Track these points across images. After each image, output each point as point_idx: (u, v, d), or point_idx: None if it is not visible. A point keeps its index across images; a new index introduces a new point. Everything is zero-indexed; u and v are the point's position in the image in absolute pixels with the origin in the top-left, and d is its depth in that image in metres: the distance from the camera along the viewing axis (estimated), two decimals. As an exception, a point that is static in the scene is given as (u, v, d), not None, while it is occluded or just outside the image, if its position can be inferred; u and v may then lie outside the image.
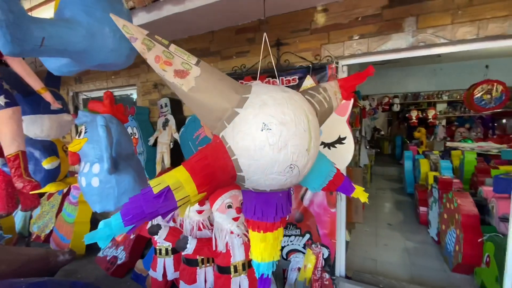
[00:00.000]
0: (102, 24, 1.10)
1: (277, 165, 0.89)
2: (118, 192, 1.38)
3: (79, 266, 3.06)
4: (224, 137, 0.89)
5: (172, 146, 2.76)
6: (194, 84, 0.87)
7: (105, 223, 0.79)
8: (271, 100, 0.90)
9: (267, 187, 0.98)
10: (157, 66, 0.87)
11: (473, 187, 3.89)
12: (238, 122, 0.87)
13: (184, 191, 0.82)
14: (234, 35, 2.51)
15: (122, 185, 1.38)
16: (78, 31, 1.01)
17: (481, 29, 1.68)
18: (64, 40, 0.97)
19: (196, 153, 0.92)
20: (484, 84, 4.07)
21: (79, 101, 4.03)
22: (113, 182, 1.37)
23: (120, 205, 1.42)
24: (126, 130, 1.58)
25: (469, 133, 6.99)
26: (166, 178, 0.84)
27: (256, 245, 1.11)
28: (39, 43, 0.88)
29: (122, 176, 1.37)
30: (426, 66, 5.45)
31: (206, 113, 0.94)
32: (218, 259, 1.91)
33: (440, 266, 2.89)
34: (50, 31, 0.91)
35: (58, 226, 3.48)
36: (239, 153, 0.87)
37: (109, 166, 1.22)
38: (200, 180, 0.85)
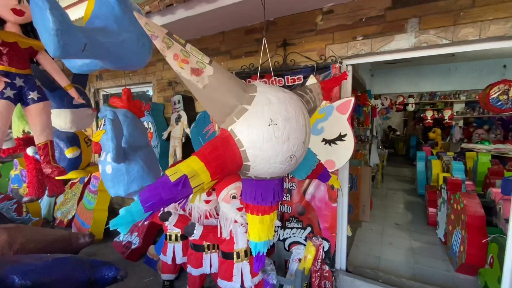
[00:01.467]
0: (130, 33, 1.28)
1: (280, 155, 1.03)
2: (128, 179, 1.53)
3: (98, 249, 3.31)
4: (233, 131, 1.00)
5: (184, 141, 2.92)
6: (207, 82, 0.95)
7: (126, 210, 0.85)
8: (275, 99, 1.04)
9: (268, 175, 1.11)
10: (175, 63, 0.91)
11: (486, 189, 3.81)
12: (247, 118, 0.99)
13: (199, 178, 0.92)
14: (243, 35, 2.63)
15: (131, 173, 1.53)
16: (112, 39, 1.17)
17: (483, 30, 1.71)
18: (102, 46, 1.14)
19: (206, 145, 1.00)
20: (501, 84, 3.94)
21: (100, 96, 4.30)
22: (123, 170, 1.52)
23: (130, 192, 1.58)
24: (141, 124, 1.74)
25: (487, 135, 6.75)
26: (181, 167, 0.92)
27: (254, 227, 1.24)
28: (82, 48, 1.04)
29: (132, 166, 1.52)
30: (439, 65, 5.32)
31: (216, 109, 1.03)
32: (222, 245, 2.05)
33: (444, 266, 2.90)
34: (91, 38, 1.07)
35: (79, 212, 3.76)
36: (247, 145, 0.99)
37: (113, 155, 1.35)
38: (213, 169, 0.95)
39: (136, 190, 1.60)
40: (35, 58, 1.68)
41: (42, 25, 0.98)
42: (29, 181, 1.99)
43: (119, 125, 1.43)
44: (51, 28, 0.94)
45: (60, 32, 0.95)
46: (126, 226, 0.84)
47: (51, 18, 0.93)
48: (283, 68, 2.38)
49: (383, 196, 5.45)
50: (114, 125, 1.34)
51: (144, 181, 1.59)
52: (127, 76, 3.68)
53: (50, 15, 0.93)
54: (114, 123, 1.35)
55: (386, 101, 6.06)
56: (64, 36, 0.97)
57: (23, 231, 2.32)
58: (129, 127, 1.61)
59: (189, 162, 0.94)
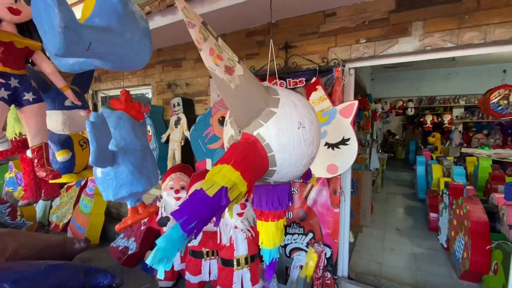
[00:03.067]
0: (132, 33, 1.23)
1: (305, 158, 1.01)
2: (116, 184, 1.48)
3: (93, 254, 3.24)
4: (260, 135, 0.94)
5: (183, 144, 2.87)
6: (238, 82, 0.88)
7: (165, 239, 0.70)
8: (298, 101, 1.02)
9: (287, 178, 1.07)
10: (210, 59, 0.82)
11: (487, 194, 3.79)
12: (277, 121, 0.94)
13: (238, 189, 0.83)
14: (245, 38, 2.60)
15: (120, 177, 1.47)
16: (115, 38, 1.13)
17: (488, 34, 1.68)
18: (105, 45, 1.09)
19: (234, 151, 0.90)
20: (501, 89, 3.94)
21: (98, 98, 4.25)
22: (111, 174, 1.47)
23: (119, 197, 1.52)
24: (138, 127, 1.67)
25: (487, 140, 6.75)
26: (217, 179, 0.81)
27: (270, 233, 1.18)
28: (86, 47, 0.99)
29: (120, 170, 1.46)
30: (440, 70, 5.33)
31: (243, 111, 0.96)
32: (222, 252, 1.99)
33: (447, 273, 2.85)
34: (96, 37, 1.03)
35: (75, 216, 3.68)
36: (277, 149, 0.94)
37: (92, 158, 1.30)
38: (248, 177, 0.87)
39: (125, 196, 1.54)
40: (31, 59, 1.63)
41: (47, 22, 0.93)
42: (26, 184, 1.93)
43: (104, 128, 1.37)
44: (58, 25, 0.89)
45: (67, 29, 0.90)
46: (169, 260, 0.70)
47: (59, 14, 0.88)
48: (284, 70, 2.35)
49: (383, 201, 5.41)
50: (94, 128, 1.28)
51: (133, 186, 1.53)
52: (125, 78, 3.64)
53: (58, 11, 0.88)
54: (94, 126, 1.29)
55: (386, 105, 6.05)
56: (71, 34, 0.92)
57: (16, 236, 2.26)
58: (121, 130, 1.55)
59: (223, 172, 0.83)
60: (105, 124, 1.41)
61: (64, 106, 1.88)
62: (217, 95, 2.75)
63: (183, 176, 2.42)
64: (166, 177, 2.42)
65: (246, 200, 1.99)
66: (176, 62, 3.15)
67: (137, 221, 1.64)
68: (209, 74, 2.87)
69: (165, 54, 3.22)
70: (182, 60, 3.09)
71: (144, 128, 1.74)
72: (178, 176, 2.41)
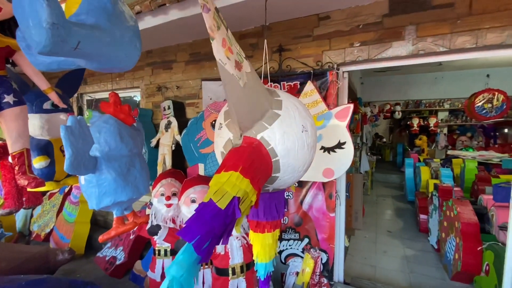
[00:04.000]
0: (122, 32, 1.16)
1: (307, 163, 0.96)
2: (99, 192, 1.40)
3: (78, 265, 3.07)
4: (264, 139, 0.87)
5: (174, 148, 2.78)
6: (246, 79, 0.81)
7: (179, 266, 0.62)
8: (299, 104, 0.97)
9: (286, 185, 1.01)
10: (222, 51, 0.74)
11: (474, 196, 3.89)
12: (281, 124, 0.88)
13: (248, 199, 0.75)
14: (238, 40, 2.55)
15: (102, 185, 1.39)
16: (105, 37, 1.05)
17: (479, 38, 1.71)
18: (94, 44, 1.01)
19: (240, 157, 0.82)
20: (485, 93, 4.08)
21: (83, 102, 4.09)
22: (94, 181, 1.39)
23: (102, 206, 1.42)
24: (126, 131, 1.56)
25: (470, 142, 6.97)
26: (227, 188, 0.73)
27: (266, 246, 1.11)
28: (75, 46, 0.91)
29: (103, 177, 1.38)
30: (427, 74, 5.49)
31: (249, 112, 0.88)
32: (216, 260, 1.92)
33: (439, 275, 2.88)
34: (85, 35, 0.95)
35: (58, 225, 3.49)
36: (282, 153, 0.87)
37: (66, 165, 1.21)
38: (257, 185, 0.79)
39: (109, 205, 1.45)
40: (11, 59, 1.53)
41: (32, 16, 0.84)
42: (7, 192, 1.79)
43: (83, 133, 1.28)
44: (45, 20, 0.81)
45: (55, 26, 0.82)
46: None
47: (47, 9, 0.80)
48: (278, 74, 2.32)
49: (374, 203, 5.47)
50: (69, 133, 1.19)
51: (117, 195, 1.44)
52: (113, 81, 3.52)
53: (47, 6, 0.80)
54: (69, 131, 1.20)
55: (375, 108, 6.15)
56: (59, 31, 0.84)
57: (-7, 249, 2.10)
58: (106, 134, 1.47)
59: (232, 180, 0.74)
60: (85, 128, 1.32)
61: (43, 109, 1.76)
62: (209, 98, 2.69)
63: (174, 182, 2.34)
64: (156, 183, 2.32)
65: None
66: (166, 64, 3.06)
67: (121, 233, 1.55)
68: (200, 76, 2.82)
69: (155, 56, 3.13)
70: (173, 62, 3.01)
71: (134, 133, 1.65)
72: (169, 182, 2.32)
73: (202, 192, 2.11)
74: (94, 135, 1.40)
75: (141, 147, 1.88)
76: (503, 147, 5.79)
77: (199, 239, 0.63)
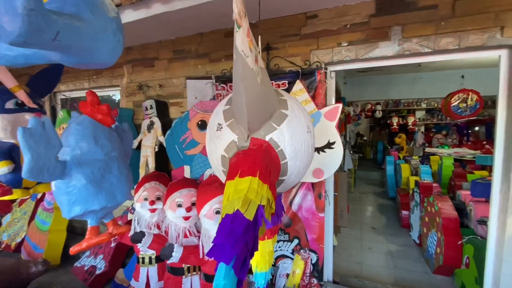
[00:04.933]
0: (105, 24, 1.06)
1: (309, 164, 0.92)
2: (68, 200, 1.29)
3: (54, 277, 2.86)
4: (274, 140, 0.83)
5: (157, 150, 2.66)
6: (261, 75, 0.75)
7: None
8: (300, 104, 0.93)
9: (287, 189, 0.97)
10: (246, 42, 0.67)
11: (451, 191, 4.06)
12: (290, 124, 0.84)
13: (268, 205, 0.70)
14: (223, 37, 2.49)
15: (72, 193, 1.28)
16: (86, 29, 0.95)
17: (462, 40, 1.76)
18: (74, 36, 0.90)
19: (255, 161, 0.76)
20: (460, 93, 4.27)
21: (57, 101, 3.83)
22: (63, 188, 1.28)
23: (73, 216, 1.31)
24: (103, 133, 1.44)
25: (445, 140, 7.33)
26: (250, 196, 0.67)
27: (266, 254, 1.06)
28: (53, 36, 0.80)
29: (72, 184, 1.28)
30: (407, 75, 5.69)
31: (262, 111, 0.82)
32: (205, 267, 1.84)
33: (422, 269, 2.97)
34: (65, 25, 0.83)
35: (30, 234, 3.24)
36: (291, 155, 0.83)
37: (23, 171, 1.11)
38: (274, 190, 0.74)
39: (79, 214, 1.32)
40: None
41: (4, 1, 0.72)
42: None
43: (46, 135, 1.17)
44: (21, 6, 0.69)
45: (33, 13, 0.71)
46: None
47: None
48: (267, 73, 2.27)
49: (357, 200, 5.59)
50: (27, 135, 1.09)
51: (88, 204, 1.32)
52: (90, 79, 3.32)
53: None
54: (27, 133, 1.10)
55: (357, 108, 6.29)
56: (37, 18, 0.72)
57: (-46, 265, 1.89)
58: (78, 136, 1.34)
59: (254, 187, 0.68)
60: (50, 131, 1.21)
61: (4, 109, 1.60)
62: (195, 97, 2.60)
63: (158, 186, 2.23)
64: (139, 187, 2.20)
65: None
66: (148, 61, 2.92)
67: (94, 245, 1.42)
68: (185, 75, 2.71)
69: (135, 53, 2.98)
70: (155, 60, 2.88)
71: (114, 135, 1.53)
72: (153, 185, 2.20)
73: (189, 196, 2.02)
74: (66, 138, 1.28)
75: (128, 150, 1.76)
76: (475, 144, 6.13)
77: (237, 260, 0.57)
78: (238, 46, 0.66)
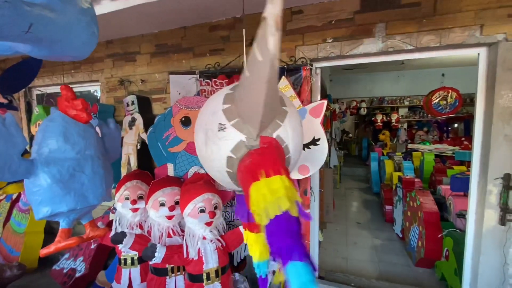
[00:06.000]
0: (78, 15, 1.00)
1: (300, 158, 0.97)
2: (35, 200, 1.22)
3: (31, 281, 2.73)
4: (280, 137, 0.86)
5: (139, 147, 2.58)
6: None
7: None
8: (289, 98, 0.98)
9: None
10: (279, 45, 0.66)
11: (432, 186, 4.20)
12: (290, 120, 0.88)
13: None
14: (208, 32, 2.43)
15: (38, 193, 1.22)
16: (59, 20, 0.88)
17: (443, 37, 1.79)
18: (47, 28, 0.84)
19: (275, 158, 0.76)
20: (441, 91, 4.40)
21: (33, 96, 3.63)
22: (30, 188, 1.22)
23: (41, 217, 1.24)
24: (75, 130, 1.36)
25: (427, 136, 7.57)
26: (289, 193, 0.68)
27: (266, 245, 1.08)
28: (26, 29, 0.74)
29: (38, 184, 1.21)
30: (390, 73, 5.81)
31: (272, 109, 0.82)
32: (189, 267, 1.80)
33: (404, 261, 3.05)
34: (38, 17, 0.77)
35: (5, 237, 3.08)
36: (293, 150, 0.88)
37: None
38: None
39: (46, 216, 1.25)
40: None
41: None
42: None
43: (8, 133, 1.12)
44: None
45: (7, 5, 0.64)
46: None
47: None
48: (251, 68, 2.23)
49: (343, 196, 5.68)
50: None
51: (55, 205, 1.24)
52: (67, 73, 3.16)
53: None
54: None
55: (342, 105, 6.37)
56: (10, 11, 0.66)
57: None
58: (46, 133, 1.28)
59: (288, 185, 0.69)
60: (11, 128, 1.15)
61: None
62: (178, 93, 2.53)
63: (140, 184, 2.16)
64: (120, 186, 2.12)
65: (215, 207, 1.83)
66: (129, 56, 2.82)
67: (62, 248, 1.34)
68: (167, 69, 2.63)
69: (116, 46, 2.86)
70: (136, 54, 2.77)
71: (90, 132, 1.44)
72: (135, 184, 2.13)
73: (172, 195, 1.97)
74: (37, 135, 1.21)
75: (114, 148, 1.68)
76: (455, 140, 6.36)
77: (308, 254, 0.60)
78: (271, 49, 0.63)
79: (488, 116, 1.80)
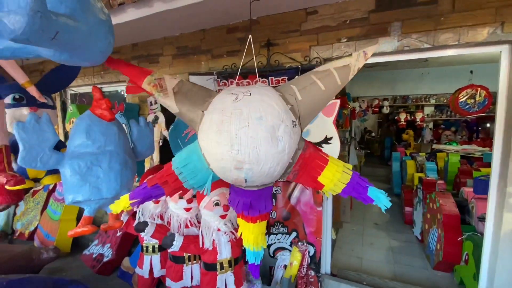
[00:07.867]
0: (98, 25, 1.11)
1: None
2: (64, 188, 1.44)
3: (64, 264, 3.02)
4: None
5: (161, 144, 2.75)
6: None
7: None
8: None
9: None
10: None
11: (456, 188, 4.02)
12: None
13: None
14: (225, 34, 2.53)
15: (64, 182, 1.44)
16: (81, 29, 1.01)
17: (462, 35, 1.75)
18: (70, 36, 0.97)
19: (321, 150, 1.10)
20: (469, 89, 4.18)
21: (67, 96, 3.96)
22: (62, 177, 1.45)
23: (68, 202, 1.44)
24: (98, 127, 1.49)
25: (454, 136, 7.18)
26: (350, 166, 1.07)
27: (259, 235, 1.20)
28: (53, 36, 0.87)
29: (63, 174, 1.43)
30: (414, 70, 5.59)
31: None
32: (204, 256, 1.92)
33: (422, 264, 2.98)
34: (62, 25, 0.90)
35: (42, 223, 3.41)
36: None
37: (19, 159, 1.29)
38: None
39: (71, 202, 1.44)
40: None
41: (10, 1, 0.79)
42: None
43: (40, 129, 1.34)
44: (29, 7, 0.75)
45: (39, 14, 0.77)
46: None
47: None
48: (267, 68, 2.30)
49: (362, 196, 5.57)
50: (21, 129, 1.28)
51: (75, 194, 1.42)
52: (97, 74, 3.42)
53: None
54: (21, 127, 1.29)
55: (363, 103, 6.23)
56: (42, 20, 0.79)
57: (-27, 249, 2.03)
58: (74, 130, 1.49)
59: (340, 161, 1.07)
60: (44, 125, 1.37)
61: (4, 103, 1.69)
62: (197, 93, 2.65)
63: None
64: (143, 179, 2.29)
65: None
66: (152, 57, 3.00)
67: (79, 234, 1.51)
68: (188, 70, 2.77)
69: (141, 49, 3.06)
70: (159, 56, 2.95)
71: (112, 129, 1.55)
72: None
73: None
74: (70, 131, 1.42)
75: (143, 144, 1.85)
76: (485, 141, 5.99)
77: None
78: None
79: (510, 116, 1.73)
